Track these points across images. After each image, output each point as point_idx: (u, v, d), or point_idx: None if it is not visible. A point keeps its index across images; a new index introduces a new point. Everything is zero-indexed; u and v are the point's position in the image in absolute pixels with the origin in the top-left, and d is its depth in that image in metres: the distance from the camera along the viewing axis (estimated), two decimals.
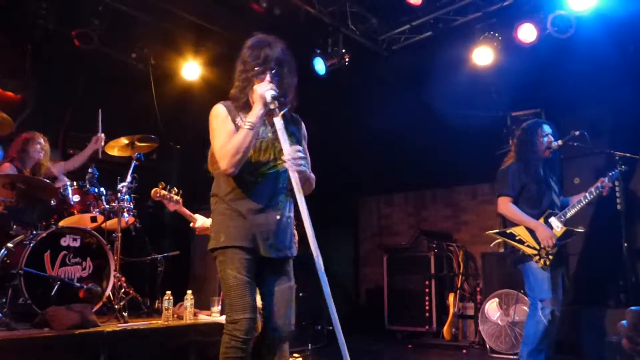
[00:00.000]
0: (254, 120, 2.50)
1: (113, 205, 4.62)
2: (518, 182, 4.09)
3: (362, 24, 6.40)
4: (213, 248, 2.57)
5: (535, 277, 3.95)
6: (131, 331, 3.85)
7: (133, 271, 5.23)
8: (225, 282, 2.51)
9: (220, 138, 2.55)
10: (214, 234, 2.60)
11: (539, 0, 5.47)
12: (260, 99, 2.51)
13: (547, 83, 5.66)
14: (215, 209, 2.65)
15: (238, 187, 2.57)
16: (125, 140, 5.01)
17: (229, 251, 2.51)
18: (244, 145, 2.47)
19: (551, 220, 4.03)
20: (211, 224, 2.67)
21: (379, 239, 8.42)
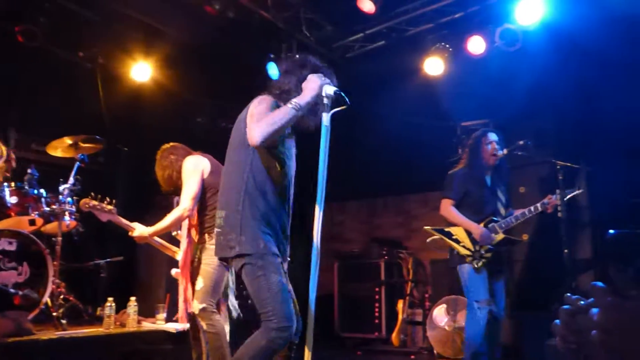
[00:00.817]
0: (302, 103, 2.53)
1: (53, 208, 4.44)
2: (462, 187, 4.21)
3: (316, 31, 6.41)
4: (249, 253, 2.53)
5: (470, 278, 4.06)
6: (69, 339, 3.70)
7: (74, 277, 5.04)
8: (269, 288, 2.49)
9: (262, 115, 2.56)
10: (247, 237, 2.55)
11: (488, 14, 5.60)
12: (316, 88, 2.55)
13: (496, 94, 5.80)
14: (245, 212, 2.60)
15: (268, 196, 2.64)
16: (69, 140, 4.81)
17: (269, 256, 2.54)
18: (282, 120, 2.49)
19: (490, 227, 4.13)
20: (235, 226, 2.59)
21: (330, 245, 8.41)
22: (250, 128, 2.54)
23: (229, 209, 2.63)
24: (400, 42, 6.24)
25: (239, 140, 2.69)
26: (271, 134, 2.48)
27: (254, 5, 5.69)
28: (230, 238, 2.58)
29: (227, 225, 2.61)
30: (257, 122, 2.51)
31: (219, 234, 2.68)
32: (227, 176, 2.75)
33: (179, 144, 3.83)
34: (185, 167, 3.59)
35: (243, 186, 2.62)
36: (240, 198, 2.61)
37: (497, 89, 5.73)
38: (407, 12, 6.02)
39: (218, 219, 2.69)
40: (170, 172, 3.68)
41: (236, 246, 2.54)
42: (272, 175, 2.68)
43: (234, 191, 2.64)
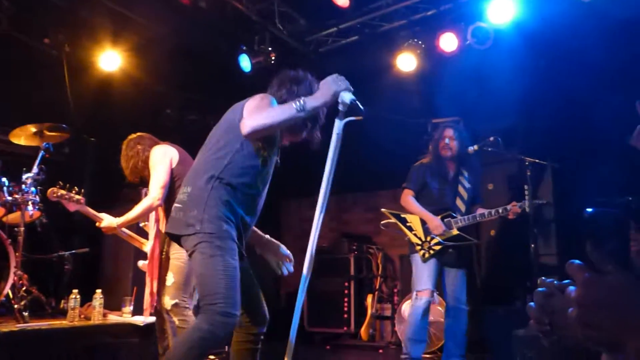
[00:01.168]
0: (307, 106, 2.36)
1: (16, 198, 4.29)
2: (421, 179, 4.36)
3: (289, 24, 6.37)
4: (210, 232, 2.35)
5: (417, 268, 4.22)
6: (31, 332, 3.59)
7: (37, 269, 4.89)
8: (225, 270, 2.32)
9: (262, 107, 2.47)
10: (210, 216, 2.37)
11: (460, 12, 5.66)
12: (329, 94, 2.39)
13: (467, 91, 5.85)
14: (214, 193, 2.42)
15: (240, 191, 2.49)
16: (33, 128, 4.65)
17: (229, 241, 2.39)
18: (279, 117, 2.37)
19: (446, 222, 4.23)
20: (199, 204, 2.41)
21: (300, 241, 8.38)
22: (246, 117, 2.43)
23: (195, 185, 2.46)
24: (373, 37, 6.25)
25: (230, 125, 2.55)
26: (263, 127, 2.37)
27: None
28: (191, 215, 2.39)
29: (191, 201, 2.43)
30: (255, 113, 2.42)
31: (178, 210, 2.47)
32: (204, 154, 2.57)
33: (145, 134, 3.75)
34: (153, 156, 3.51)
35: (220, 168, 2.46)
36: (213, 179, 2.45)
37: (468, 86, 5.79)
38: (381, 8, 6.04)
39: (181, 194, 2.50)
40: (135, 162, 3.60)
41: (196, 224, 2.36)
42: (250, 174, 2.54)
43: (208, 169, 2.47)
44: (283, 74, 2.76)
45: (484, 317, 4.82)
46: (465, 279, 4.31)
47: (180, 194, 2.53)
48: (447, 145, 4.34)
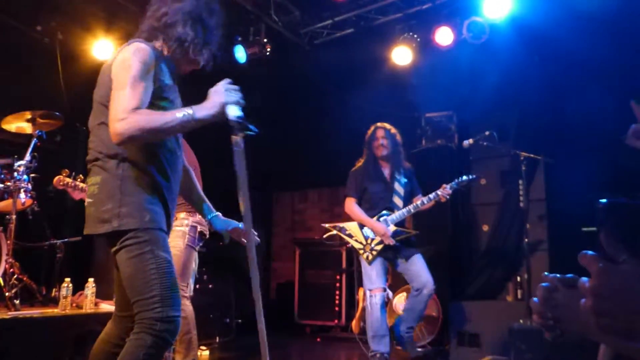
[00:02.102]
0: (195, 117, 2.01)
1: (8, 185, 4.25)
2: (360, 184, 4.52)
3: (285, 16, 6.35)
4: (132, 228, 2.02)
5: (365, 269, 4.44)
6: (22, 320, 3.57)
7: (29, 257, 4.85)
8: (157, 267, 2.01)
9: (136, 93, 2.01)
10: (129, 209, 2.03)
11: (456, 6, 5.67)
12: (217, 105, 2.05)
13: (461, 86, 5.87)
14: (120, 174, 2.07)
15: (160, 153, 2.16)
16: (26, 115, 4.61)
17: (155, 232, 2.08)
18: (162, 128, 1.98)
19: (382, 220, 4.39)
20: (113, 194, 2.06)
21: (292, 234, 8.41)
22: (118, 113, 1.96)
23: (104, 172, 2.09)
24: (369, 30, 6.25)
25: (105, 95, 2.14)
26: (137, 139, 1.99)
27: None
28: (105, 209, 2.03)
29: (102, 192, 2.06)
30: (129, 113, 1.95)
31: (90, 205, 2.10)
32: (99, 131, 2.15)
33: None
34: None
35: (129, 147, 2.09)
36: (120, 159, 2.09)
37: (463, 80, 5.81)
38: (377, 1, 6.03)
39: (91, 186, 2.13)
40: None
41: (113, 220, 2.02)
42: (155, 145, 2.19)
43: (111, 148, 2.08)
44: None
45: (477, 311, 4.86)
46: (422, 261, 4.44)
47: (88, 185, 2.16)
48: (382, 144, 4.53)
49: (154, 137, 2.05)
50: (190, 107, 2.05)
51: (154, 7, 2.31)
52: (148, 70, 2.09)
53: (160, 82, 2.17)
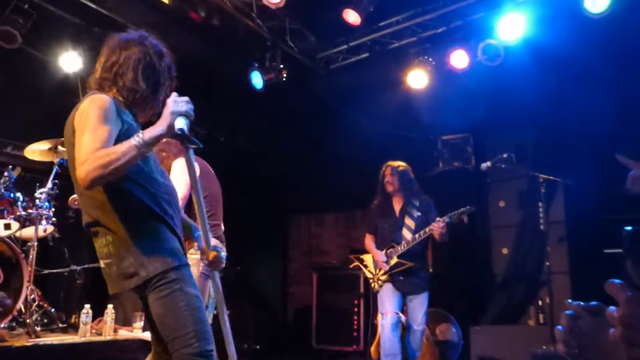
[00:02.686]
0: (146, 139, 1.97)
1: (30, 213, 4.32)
2: (372, 221, 4.88)
3: (300, 41, 6.43)
4: (158, 272, 2.03)
5: (378, 297, 4.65)
6: (43, 347, 3.58)
7: (49, 283, 4.91)
8: (188, 304, 2.04)
9: (97, 136, 1.99)
10: (149, 256, 2.04)
11: (470, 29, 5.69)
12: (168, 117, 2.02)
13: (477, 108, 5.87)
14: (127, 227, 2.06)
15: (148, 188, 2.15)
16: (48, 144, 4.72)
17: (181, 269, 2.10)
18: (121, 162, 1.92)
19: (388, 253, 4.61)
20: (129, 248, 2.05)
21: (308, 258, 8.38)
22: (79, 157, 1.95)
23: (111, 233, 2.06)
24: (384, 54, 6.29)
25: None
26: (104, 178, 1.93)
27: (239, 13, 5.68)
28: (127, 265, 2.03)
29: (119, 250, 2.05)
30: (91, 154, 1.93)
31: (109, 266, 2.08)
32: (87, 192, 2.10)
33: (172, 140, 3.72)
34: (175, 167, 3.43)
35: (119, 197, 2.09)
36: (122, 213, 2.08)
37: (479, 103, 5.81)
38: (391, 25, 6.09)
39: (102, 247, 2.10)
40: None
41: (139, 270, 2.02)
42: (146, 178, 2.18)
43: (109, 212, 2.08)
44: (109, 41, 2.33)
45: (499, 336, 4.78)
46: (425, 302, 4.55)
47: (100, 247, 2.13)
48: (389, 182, 4.76)
49: (116, 172, 1.96)
50: (141, 131, 2.03)
51: (104, 58, 2.29)
52: (107, 115, 2.08)
53: (126, 124, 2.16)
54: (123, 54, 2.26)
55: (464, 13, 5.63)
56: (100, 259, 2.13)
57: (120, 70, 2.25)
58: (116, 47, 2.28)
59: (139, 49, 2.29)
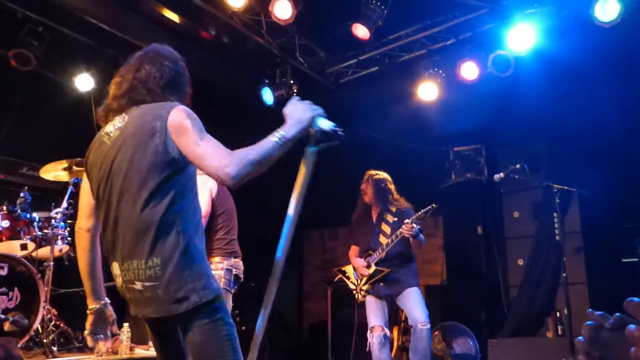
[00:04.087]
0: (289, 137, 2.00)
1: (46, 233, 4.36)
2: (354, 234, 4.88)
3: (310, 57, 6.48)
4: (210, 298, 1.98)
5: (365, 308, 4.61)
6: None
7: (65, 303, 4.93)
8: (229, 334, 2.01)
9: (213, 141, 2.01)
10: (201, 282, 1.98)
11: (480, 41, 5.69)
12: (307, 119, 2.06)
13: (488, 119, 5.86)
14: (181, 248, 1.98)
15: (200, 227, 2.12)
16: (63, 164, 4.76)
17: (221, 296, 2.06)
18: (267, 160, 1.95)
19: (366, 261, 4.59)
20: (182, 271, 1.98)
21: (323, 272, 8.35)
22: (222, 165, 1.92)
23: (164, 253, 1.98)
24: (393, 68, 6.31)
25: (155, 160, 2.02)
26: (251, 175, 1.93)
27: (249, 30, 5.74)
28: (176, 288, 1.96)
29: (168, 273, 1.96)
30: (231, 160, 1.93)
31: (153, 288, 1.98)
32: (140, 209, 2.01)
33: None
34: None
35: (177, 219, 2.01)
36: (178, 235, 2.00)
37: (490, 113, 5.80)
38: (400, 38, 6.12)
39: (149, 269, 1.98)
40: None
41: (191, 295, 1.95)
42: (196, 201, 2.15)
43: (165, 228, 2.00)
44: (154, 48, 2.35)
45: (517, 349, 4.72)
46: (415, 296, 4.46)
47: (146, 269, 2.00)
48: (362, 190, 4.86)
49: (261, 168, 1.97)
50: (279, 131, 2.02)
51: (155, 69, 2.26)
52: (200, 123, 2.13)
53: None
54: (177, 64, 2.31)
55: (473, 25, 5.64)
56: (138, 281, 2.01)
57: (182, 80, 2.32)
58: (165, 59, 2.29)
59: (181, 62, 2.35)
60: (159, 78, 2.24)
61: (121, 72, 2.32)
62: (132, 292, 2.03)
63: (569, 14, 5.06)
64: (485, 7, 5.40)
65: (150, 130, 2.06)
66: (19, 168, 5.77)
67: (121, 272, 2.05)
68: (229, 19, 5.48)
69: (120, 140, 2.11)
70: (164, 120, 2.06)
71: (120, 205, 2.06)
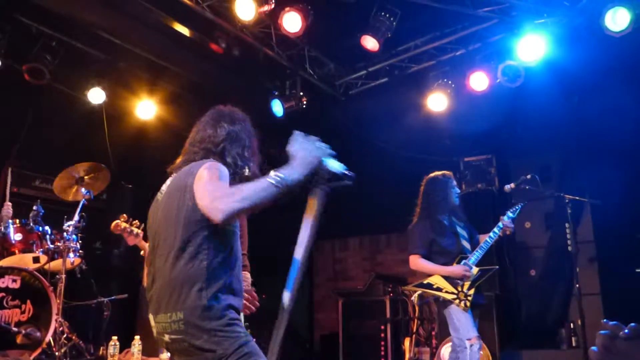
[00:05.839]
0: (288, 180, 1.94)
1: (58, 245, 4.39)
2: (426, 238, 4.31)
3: (319, 69, 6.50)
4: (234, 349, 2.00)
5: (458, 319, 4.10)
6: None
7: (77, 315, 4.95)
8: None
9: (224, 184, 2.07)
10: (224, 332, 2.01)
11: (489, 51, 5.69)
12: (313, 162, 2.00)
13: (498, 129, 5.85)
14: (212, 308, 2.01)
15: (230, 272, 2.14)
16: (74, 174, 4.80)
17: (250, 342, 2.08)
18: (257, 198, 1.93)
19: (463, 264, 4.21)
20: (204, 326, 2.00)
21: (333, 283, 8.33)
22: (211, 200, 1.98)
23: (186, 309, 2.01)
24: (403, 79, 6.32)
25: (184, 216, 2.10)
26: (240, 211, 1.95)
27: (259, 43, 5.77)
28: (200, 343, 2.00)
29: (192, 327, 2.00)
30: (222, 195, 1.97)
31: (179, 341, 2.03)
32: (171, 264, 2.08)
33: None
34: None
35: (202, 274, 2.04)
36: (203, 291, 2.03)
37: (501, 124, 5.78)
38: (409, 49, 6.13)
39: (173, 323, 2.02)
40: None
41: (215, 348, 1.99)
42: (231, 251, 2.17)
43: (190, 284, 2.03)
44: (216, 111, 2.43)
45: None
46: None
47: (170, 322, 2.04)
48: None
49: (253, 208, 1.97)
50: (277, 171, 1.97)
51: (211, 132, 2.34)
52: (225, 176, 2.14)
53: None
54: (233, 128, 2.35)
55: (483, 35, 5.64)
56: (166, 333, 2.06)
57: (230, 145, 2.31)
58: (224, 120, 2.36)
59: (239, 126, 2.37)
60: (212, 138, 2.30)
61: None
62: (164, 343, 2.11)
63: (579, 23, 5.04)
64: (494, 17, 5.40)
65: (182, 187, 2.14)
66: (32, 181, 5.84)
67: (155, 324, 2.13)
68: (239, 31, 5.53)
69: (164, 198, 2.24)
70: (193, 176, 2.12)
71: (157, 261, 2.17)
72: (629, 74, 5.06)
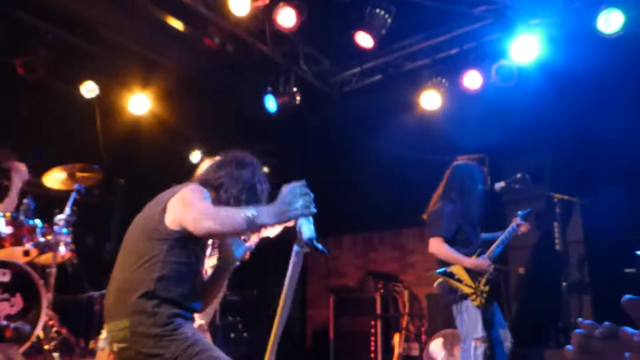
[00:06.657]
0: (259, 221, 2.03)
1: (48, 239, 4.37)
2: (454, 223, 4.06)
3: (314, 65, 6.50)
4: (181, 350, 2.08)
5: (470, 316, 3.93)
6: None
7: (67, 309, 4.94)
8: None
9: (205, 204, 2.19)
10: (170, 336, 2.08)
11: (483, 50, 5.71)
12: (286, 215, 2.05)
13: (492, 129, 5.85)
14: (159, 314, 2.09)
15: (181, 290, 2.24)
16: (65, 170, 4.79)
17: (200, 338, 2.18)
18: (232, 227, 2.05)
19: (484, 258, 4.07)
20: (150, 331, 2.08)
21: (326, 280, 8.34)
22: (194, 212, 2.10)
23: (131, 314, 2.09)
24: (397, 76, 6.34)
25: (149, 227, 2.22)
26: (217, 232, 2.13)
27: (253, 39, 5.77)
28: (145, 350, 2.07)
29: (137, 335, 2.08)
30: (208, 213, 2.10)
31: (126, 349, 2.10)
32: (126, 272, 2.18)
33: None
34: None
35: (150, 283, 2.11)
36: (148, 299, 2.10)
37: (493, 123, 5.79)
38: (404, 47, 6.14)
39: (119, 331, 2.10)
40: None
41: (162, 352, 2.06)
42: (189, 267, 2.25)
43: (136, 290, 2.11)
44: (228, 154, 2.55)
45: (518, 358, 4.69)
46: (500, 311, 4.17)
47: (115, 332, 2.14)
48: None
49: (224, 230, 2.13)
50: (255, 208, 2.07)
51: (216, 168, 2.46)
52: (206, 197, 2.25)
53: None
54: (235, 172, 2.43)
55: (477, 35, 5.66)
56: (115, 342, 2.15)
57: (227, 185, 2.40)
58: (232, 162, 2.47)
59: (248, 170, 2.46)
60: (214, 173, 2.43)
61: None
62: (113, 353, 2.18)
63: (573, 25, 5.07)
64: (489, 17, 5.42)
65: (159, 203, 2.27)
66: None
67: (107, 334, 2.20)
68: (233, 27, 5.52)
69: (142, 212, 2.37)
70: (173, 195, 2.26)
71: (115, 270, 2.26)
72: (621, 75, 5.08)
